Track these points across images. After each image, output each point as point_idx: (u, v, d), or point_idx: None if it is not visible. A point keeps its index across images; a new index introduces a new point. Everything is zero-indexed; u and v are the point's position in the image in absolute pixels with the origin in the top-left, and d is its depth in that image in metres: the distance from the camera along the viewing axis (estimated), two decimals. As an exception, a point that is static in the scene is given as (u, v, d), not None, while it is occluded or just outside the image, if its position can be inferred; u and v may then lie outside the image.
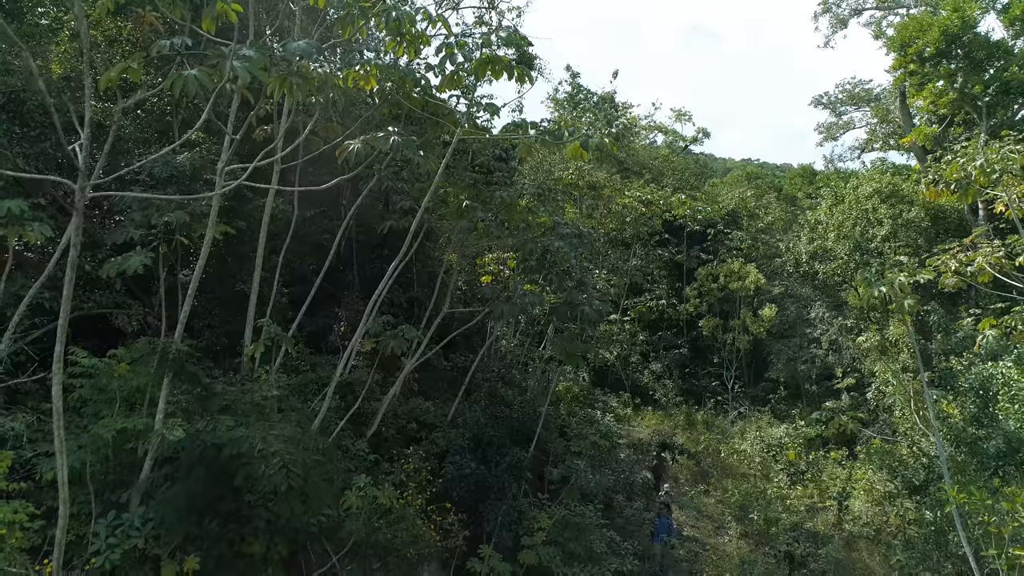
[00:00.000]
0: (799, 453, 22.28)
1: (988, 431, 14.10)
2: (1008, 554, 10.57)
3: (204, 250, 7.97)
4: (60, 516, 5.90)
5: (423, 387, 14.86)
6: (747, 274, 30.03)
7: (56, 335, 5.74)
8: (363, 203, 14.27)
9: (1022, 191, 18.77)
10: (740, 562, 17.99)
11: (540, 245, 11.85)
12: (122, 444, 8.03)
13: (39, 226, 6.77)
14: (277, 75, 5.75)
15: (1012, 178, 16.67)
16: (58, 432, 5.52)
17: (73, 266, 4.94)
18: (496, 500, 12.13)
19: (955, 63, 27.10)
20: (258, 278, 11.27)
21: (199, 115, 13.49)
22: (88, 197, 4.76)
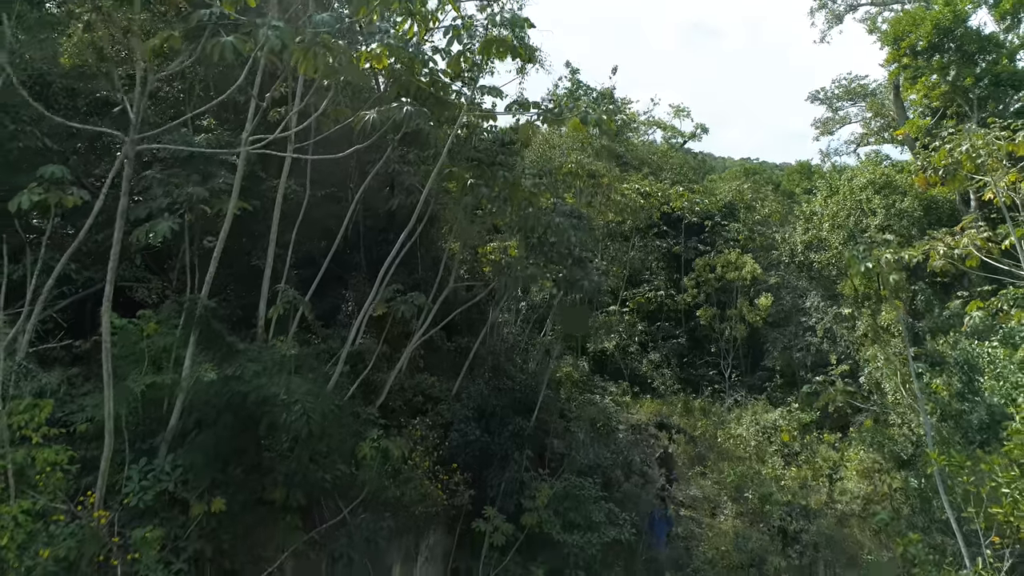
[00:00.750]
0: (793, 435, 22.82)
1: (972, 405, 14.65)
2: (986, 512, 11.13)
3: (228, 216, 8.52)
4: (105, 446, 6.46)
5: (428, 365, 15.39)
6: (743, 264, 30.57)
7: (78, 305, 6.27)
8: (370, 188, 14.80)
9: (1010, 180, 19.42)
10: (735, 535, 18.58)
11: (542, 222, 12.38)
12: (151, 398, 8.58)
13: (77, 191, 7.30)
14: (302, 46, 6.27)
15: (997, 163, 17.26)
16: (107, 373, 6.07)
17: (123, 215, 5.49)
18: (499, 467, 12.68)
19: (947, 56, 27.65)
20: (272, 253, 11.81)
21: (211, 101, 14.05)
22: (136, 148, 5.30)
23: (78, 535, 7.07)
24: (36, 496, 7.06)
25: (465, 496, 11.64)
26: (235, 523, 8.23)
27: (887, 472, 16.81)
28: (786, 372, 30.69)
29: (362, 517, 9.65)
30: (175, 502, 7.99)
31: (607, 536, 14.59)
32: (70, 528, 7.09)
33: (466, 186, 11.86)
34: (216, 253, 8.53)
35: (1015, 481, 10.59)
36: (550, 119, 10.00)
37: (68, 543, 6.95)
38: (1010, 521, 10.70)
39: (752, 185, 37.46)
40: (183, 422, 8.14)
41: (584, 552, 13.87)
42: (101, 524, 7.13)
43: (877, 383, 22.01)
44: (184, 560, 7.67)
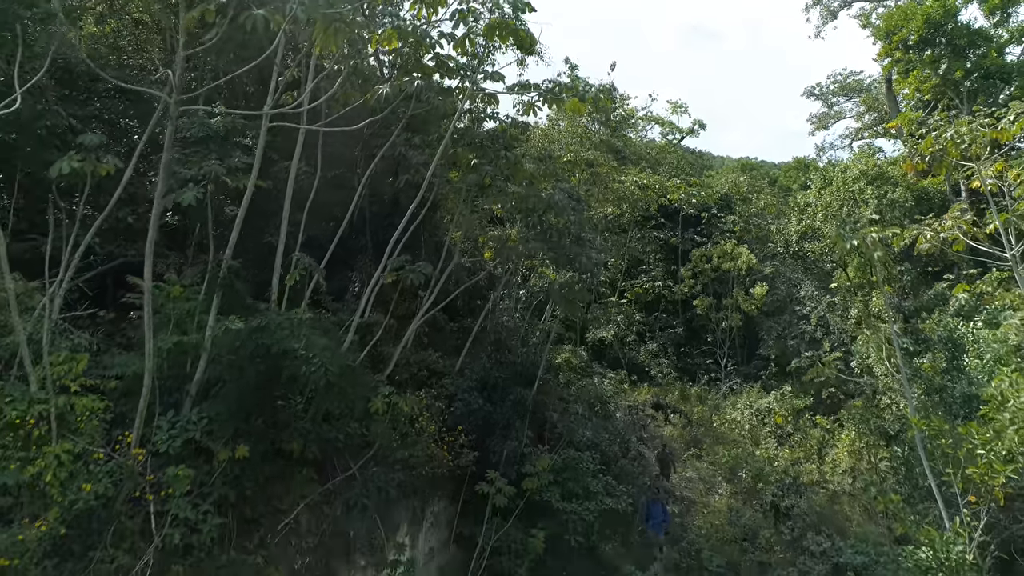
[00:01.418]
0: (787, 419, 23.44)
1: (955, 381, 15.26)
2: (963, 475, 11.77)
3: (249, 187, 9.12)
4: (145, 385, 7.04)
5: (432, 343, 15.98)
6: (739, 255, 31.20)
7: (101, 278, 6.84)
8: (375, 174, 15.37)
9: (997, 169, 20.09)
10: (729, 512, 19.18)
11: (542, 201, 12.96)
12: (177, 356, 9.16)
13: (111, 159, 7.88)
14: (323, 20, 6.84)
15: (981, 148, 17.90)
16: (147, 315, 6.65)
17: (167, 168, 6.07)
18: (501, 436, 13.28)
19: (938, 50, 28.28)
20: (284, 230, 12.38)
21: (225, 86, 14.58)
22: (180, 109, 5.88)
23: (115, 473, 7.66)
24: (75, 439, 7.64)
25: (469, 457, 12.23)
26: (256, 472, 8.82)
27: (875, 448, 17.42)
28: (781, 360, 31.34)
29: (374, 470, 10.26)
30: (200, 451, 8.57)
31: (604, 505, 15.22)
32: (108, 467, 7.68)
33: (470, 165, 12.43)
34: (238, 220, 9.13)
35: (989, 443, 11.21)
36: (550, 98, 10.57)
37: (106, 481, 7.55)
38: (985, 481, 11.34)
39: (748, 178, 38.12)
40: (208, 373, 8.71)
41: (582, 519, 14.49)
42: (138, 462, 7.72)
43: (868, 367, 22.63)
44: (210, 503, 8.26)
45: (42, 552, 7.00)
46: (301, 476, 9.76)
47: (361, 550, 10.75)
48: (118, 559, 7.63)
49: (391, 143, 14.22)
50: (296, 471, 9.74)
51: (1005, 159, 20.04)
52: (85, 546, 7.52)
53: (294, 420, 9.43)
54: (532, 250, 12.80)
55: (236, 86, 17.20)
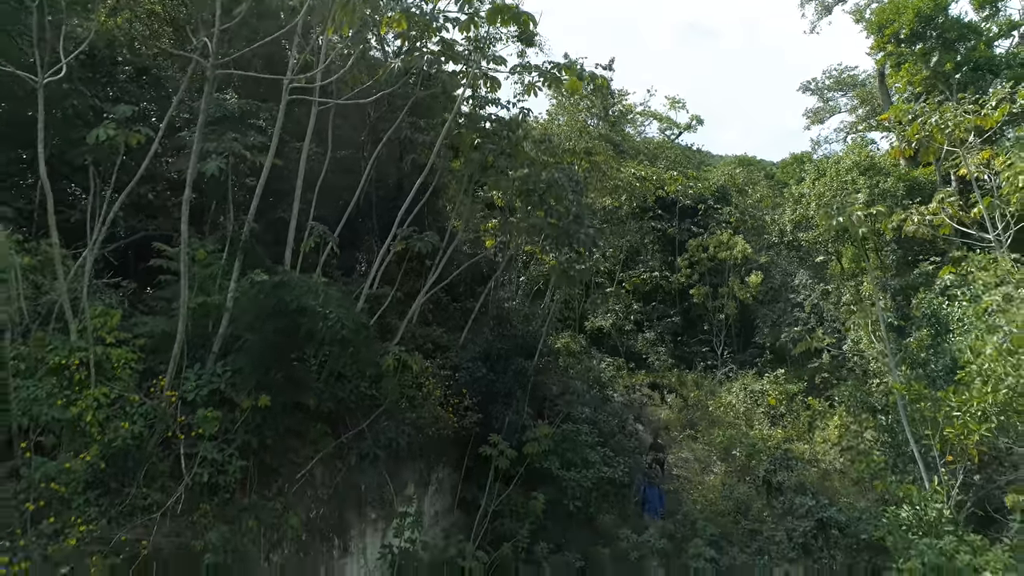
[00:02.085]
0: (780, 400, 24.10)
1: (938, 354, 15.88)
2: (941, 436, 12.43)
3: (268, 160, 9.75)
4: (179, 332, 7.67)
5: (436, 319, 16.63)
6: (735, 244, 31.88)
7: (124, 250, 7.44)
8: (381, 158, 16.01)
9: (984, 157, 20.76)
10: (723, 485, 19.83)
11: (543, 179, 13.61)
12: (200, 317, 9.80)
13: (144, 128, 8.52)
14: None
15: (964, 133, 18.56)
16: (184, 275, 7.28)
17: (202, 130, 6.69)
18: (503, 404, 13.93)
19: (929, 43, 28.92)
20: (296, 207, 13.02)
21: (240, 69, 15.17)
22: (217, 73, 6.51)
23: (149, 415, 8.30)
24: (111, 386, 8.28)
25: (473, 419, 12.87)
26: (276, 423, 9.45)
27: (864, 424, 18.06)
28: (776, 348, 32.03)
29: (384, 424, 10.91)
30: (224, 401, 9.20)
31: (602, 474, 15.88)
32: (142, 409, 8.32)
33: (473, 145, 13.08)
34: (258, 188, 9.80)
35: (965, 405, 11.88)
36: (550, 78, 11.20)
37: (140, 422, 8.19)
38: (961, 440, 12.01)
39: (744, 170, 38.80)
40: (230, 331, 9.34)
41: (580, 486, 15.15)
42: (170, 404, 8.37)
43: (860, 351, 23.30)
44: (234, 448, 8.89)
45: (85, 483, 7.64)
46: (316, 430, 10.41)
47: (372, 503, 11.41)
48: (151, 496, 8.27)
49: (397, 126, 14.85)
50: (312, 425, 10.39)
51: (991, 147, 20.80)
52: (121, 483, 8.16)
53: (310, 378, 10.07)
54: (533, 226, 13.40)
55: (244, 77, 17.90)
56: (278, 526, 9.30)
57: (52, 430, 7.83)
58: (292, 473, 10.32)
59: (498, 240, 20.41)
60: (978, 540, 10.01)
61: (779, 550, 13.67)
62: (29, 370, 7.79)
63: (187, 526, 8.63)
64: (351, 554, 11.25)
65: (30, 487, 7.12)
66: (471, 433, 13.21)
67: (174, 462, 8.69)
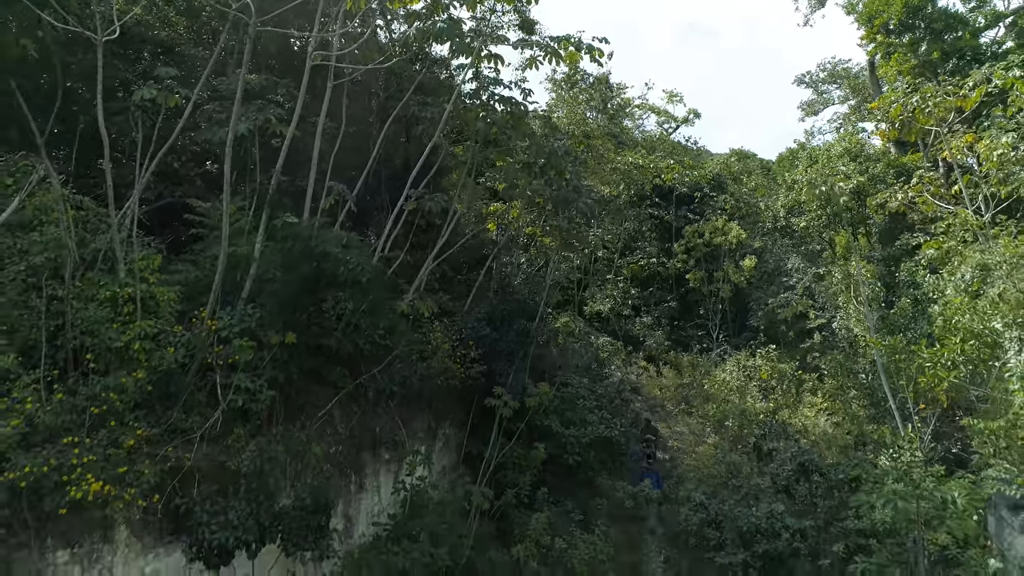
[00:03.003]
0: (771, 374, 25.02)
1: (918, 322, 16.80)
2: (915, 387, 13.36)
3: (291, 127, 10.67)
4: (218, 270, 8.58)
5: (442, 288, 17.54)
6: (730, 230, 32.80)
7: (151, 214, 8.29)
8: (389, 138, 16.93)
9: (967, 141, 21.72)
10: (715, 452, 20.73)
11: (543, 150, 14.53)
12: (230, 269, 10.70)
13: (184, 91, 9.42)
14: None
15: (944, 112, 19.49)
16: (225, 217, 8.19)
17: (242, 81, 7.58)
18: (506, 362, 14.84)
19: (917, 33, 29.86)
20: (313, 176, 13.93)
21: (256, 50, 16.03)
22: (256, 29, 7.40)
23: (190, 344, 9.21)
24: (155, 320, 9.19)
25: (478, 370, 13.79)
26: (300, 360, 10.37)
27: (847, 388, 18.98)
28: (770, 331, 32.94)
29: (398, 366, 11.83)
30: (254, 340, 10.10)
31: (599, 432, 16.79)
32: (184, 339, 9.23)
33: (478, 117, 14.00)
34: (282, 152, 10.70)
35: (935, 356, 12.81)
36: (550, 52, 12.10)
37: (182, 350, 9.10)
38: (932, 388, 12.94)
39: (739, 161, 39.74)
40: (258, 276, 10.24)
41: (579, 442, 16.07)
42: (210, 332, 9.28)
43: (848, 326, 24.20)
44: (264, 379, 9.80)
45: (134, 402, 8.54)
46: (336, 373, 11.32)
47: (386, 445, 12.32)
48: (191, 419, 9.19)
49: (404, 103, 15.75)
50: (332, 369, 11.31)
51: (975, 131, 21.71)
52: (165, 406, 9.07)
53: (330, 323, 10.99)
54: (535, 191, 14.30)
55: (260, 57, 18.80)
56: (302, 455, 10.19)
57: (102, 357, 8.72)
58: (313, 413, 11.22)
59: (500, 225, 21.30)
60: (941, 470, 10.90)
61: (765, 496, 14.57)
62: (83, 304, 8.68)
63: (222, 450, 9.54)
64: (366, 490, 12.16)
65: (90, 398, 8.02)
66: (476, 385, 14.11)
67: (211, 392, 9.60)
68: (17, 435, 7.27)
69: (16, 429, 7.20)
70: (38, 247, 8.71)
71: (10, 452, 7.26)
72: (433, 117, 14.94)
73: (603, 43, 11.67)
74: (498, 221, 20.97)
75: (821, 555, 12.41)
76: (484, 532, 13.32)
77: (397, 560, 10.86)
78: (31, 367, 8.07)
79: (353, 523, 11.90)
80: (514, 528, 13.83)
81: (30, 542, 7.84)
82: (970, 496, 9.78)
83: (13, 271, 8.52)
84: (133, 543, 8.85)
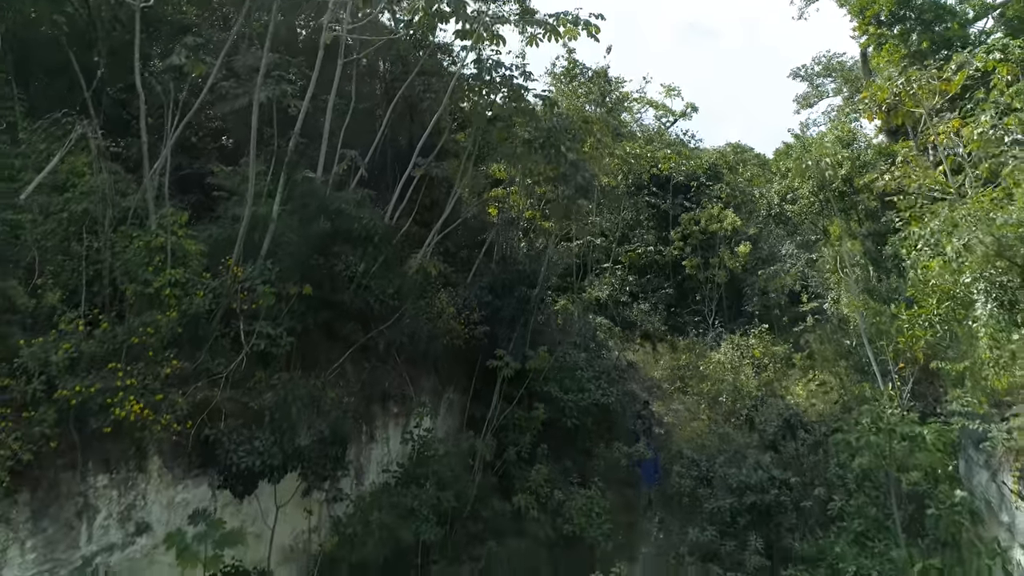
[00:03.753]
0: (764, 353, 25.82)
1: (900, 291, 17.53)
2: (894, 347, 14.12)
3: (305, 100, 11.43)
4: (243, 224, 9.34)
5: (445, 261, 18.30)
6: (725, 217, 33.61)
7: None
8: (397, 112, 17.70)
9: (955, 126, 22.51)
10: (708, 422, 21.49)
11: (542, 127, 15.30)
12: (250, 230, 11.44)
13: (210, 59, 10.17)
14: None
15: (927, 94, 20.24)
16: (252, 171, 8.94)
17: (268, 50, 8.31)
18: (508, 328, 15.60)
19: (908, 24, 30.63)
20: (324, 149, 14.68)
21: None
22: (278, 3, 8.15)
23: (218, 289, 9.97)
24: (184, 269, 9.94)
25: (480, 332, 14.56)
26: (316, 312, 11.14)
27: (835, 359, 19.76)
28: (764, 315, 33.75)
29: (407, 322, 12.58)
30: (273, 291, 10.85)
31: (595, 397, 17.55)
32: (212, 284, 9.99)
33: (482, 93, 14.78)
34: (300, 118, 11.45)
35: (913, 317, 13.58)
36: (550, 29, 12.85)
37: (210, 296, 9.85)
38: (910, 347, 13.70)
39: (735, 152, 40.57)
40: (279, 230, 11.00)
41: (577, 405, 16.84)
42: (238, 278, 10.03)
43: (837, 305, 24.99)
44: (283, 328, 10.55)
45: (166, 341, 9.29)
46: (348, 327, 12.08)
47: (394, 399, 13.08)
48: (217, 362, 9.94)
49: (409, 83, 16.51)
50: (345, 323, 12.06)
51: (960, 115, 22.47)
52: (193, 348, 9.82)
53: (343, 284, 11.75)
54: (535, 162, 15.04)
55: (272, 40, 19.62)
56: (319, 400, 10.92)
57: (137, 301, 9.45)
58: (327, 366, 11.98)
59: (500, 210, 22.04)
60: (915, 417, 11.65)
61: (752, 454, 15.33)
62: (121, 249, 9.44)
63: (244, 392, 10.30)
64: (376, 441, 12.92)
65: (129, 331, 8.77)
66: (479, 346, 14.87)
67: (234, 338, 10.37)
68: (67, 360, 8.01)
69: (67, 353, 7.95)
70: (78, 198, 9.45)
71: (59, 377, 8.00)
72: (437, 95, 15.70)
73: (599, 19, 12.42)
74: (499, 206, 21.76)
75: (804, 501, 13.15)
76: (487, 484, 14.08)
77: (405, 500, 11.62)
78: (74, 306, 8.82)
79: (364, 471, 12.67)
80: (515, 483, 14.59)
81: (75, 464, 8.61)
82: (939, 434, 10.53)
83: (56, 219, 9.26)
84: (164, 473, 9.62)
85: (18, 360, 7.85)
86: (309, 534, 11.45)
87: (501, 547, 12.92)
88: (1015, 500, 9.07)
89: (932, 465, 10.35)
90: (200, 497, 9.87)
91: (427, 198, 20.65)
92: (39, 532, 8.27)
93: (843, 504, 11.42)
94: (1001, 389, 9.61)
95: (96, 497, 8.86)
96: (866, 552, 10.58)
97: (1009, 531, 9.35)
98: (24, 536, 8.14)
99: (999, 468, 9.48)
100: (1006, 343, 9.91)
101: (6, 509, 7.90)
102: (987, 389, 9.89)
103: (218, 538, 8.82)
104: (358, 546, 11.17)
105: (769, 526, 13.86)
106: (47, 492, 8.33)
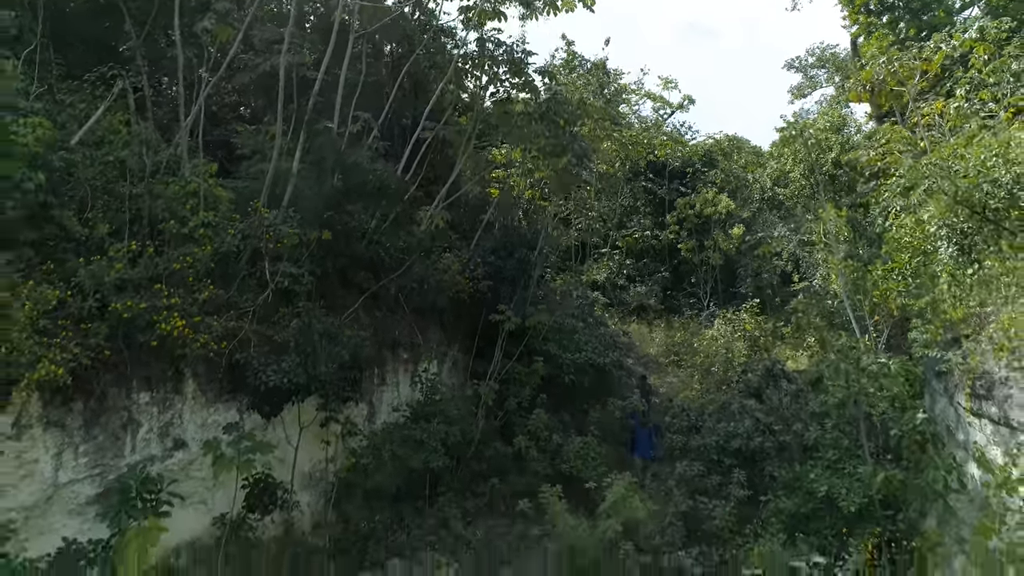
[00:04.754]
0: (755, 327, 26.79)
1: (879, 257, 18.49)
2: (871, 303, 15.08)
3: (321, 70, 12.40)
4: (269, 170, 10.30)
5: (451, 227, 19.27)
6: (719, 201, 34.64)
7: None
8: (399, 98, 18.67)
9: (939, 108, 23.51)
10: (700, 387, 22.46)
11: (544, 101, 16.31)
12: (271, 185, 12.42)
13: (237, 26, 11.16)
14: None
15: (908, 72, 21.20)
16: (279, 136, 9.90)
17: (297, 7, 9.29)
18: (509, 287, 16.59)
19: (896, 13, 31.68)
20: (337, 117, 15.66)
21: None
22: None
23: (246, 230, 10.94)
24: (215, 213, 10.92)
25: (484, 286, 15.55)
26: (334, 259, 12.12)
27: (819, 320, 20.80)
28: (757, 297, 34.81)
29: (416, 270, 13.56)
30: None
31: (591, 357, 18.51)
32: (240, 225, 10.97)
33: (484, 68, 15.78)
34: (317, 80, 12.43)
35: (887, 274, 14.56)
36: (548, 3, 13.86)
37: (238, 237, 10.83)
38: (885, 302, 14.68)
39: (730, 140, 41.60)
40: (298, 186, 11.98)
41: (575, 362, 17.80)
42: (264, 219, 11.01)
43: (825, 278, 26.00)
44: (304, 269, 11.53)
45: (203, 273, 10.27)
46: (361, 276, 13.06)
47: (403, 345, 14.06)
48: (245, 297, 10.93)
49: (414, 59, 17.49)
50: (358, 272, 13.05)
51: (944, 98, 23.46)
52: (224, 282, 10.80)
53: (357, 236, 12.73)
54: (535, 132, 16.01)
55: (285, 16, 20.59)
56: (336, 337, 11.89)
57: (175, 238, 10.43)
58: (342, 311, 12.96)
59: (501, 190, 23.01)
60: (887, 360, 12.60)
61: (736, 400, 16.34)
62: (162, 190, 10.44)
63: (269, 326, 11.28)
64: (387, 385, 13.91)
65: (170, 259, 9.75)
66: (483, 301, 15.85)
67: (260, 277, 11.35)
68: (117, 280, 8.99)
69: (119, 273, 8.93)
70: (120, 147, 10.44)
71: (111, 295, 8.98)
72: (441, 70, 16.71)
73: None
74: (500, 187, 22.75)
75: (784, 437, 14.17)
76: (490, 429, 15.07)
77: (415, 433, 12.61)
78: (120, 240, 9.80)
79: (376, 411, 13.67)
80: (516, 431, 15.55)
81: (121, 381, 9.59)
82: (902, 365, 11.51)
83: (100, 162, 10.23)
84: (199, 395, 10.61)
85: (75, 279, 8.83)
86: (327, 463, 12.45)
87: (503, 483, 13.91)
88: (968, 417, 10.03)
89: (898, 396, 11.30)
90: (230, 419, 10.84)
91: (431, 172, 21.70)
92: (90, 439, 9.26)
93: (818, 436, 12.38)
94: (957, 319, 10.57)
95: (139, 412, 9.84)
96: (838, 474, 11.54)
97: (964, 448, 10.30)
98: (78, 441, 9.13)
99: (955, 391, 10.43)
100: (963, 279, 10.88)
101: (63, 415, 8.89)
102: (945, 321, 10.84)
103: (251, 446, 9.78)
104: (372, 474, 12.16)
105: (753, 470, 14.83)
106: (98, 403, 9.31)
